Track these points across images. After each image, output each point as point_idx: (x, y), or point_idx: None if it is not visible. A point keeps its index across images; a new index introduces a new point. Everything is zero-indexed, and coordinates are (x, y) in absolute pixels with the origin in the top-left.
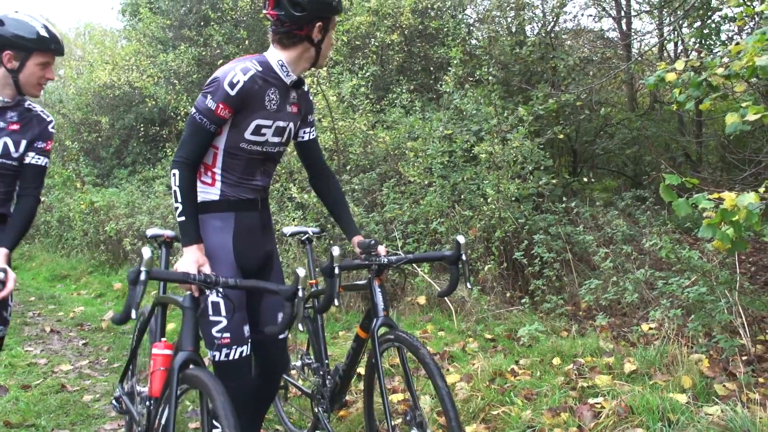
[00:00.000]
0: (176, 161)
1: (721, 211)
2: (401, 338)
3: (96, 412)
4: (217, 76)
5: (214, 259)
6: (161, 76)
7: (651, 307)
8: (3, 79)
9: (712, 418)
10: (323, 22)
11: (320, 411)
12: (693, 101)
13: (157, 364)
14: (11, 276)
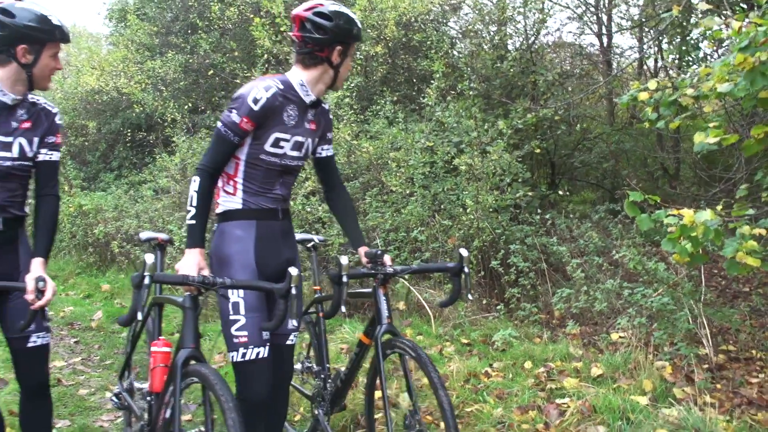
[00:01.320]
0: (199, 168)
1: (681, 227)
2: (405, 346)
3: (92, 404)
4: (242, 92)
5: (235, 266)
6: (148, 82)
7: (619, 315)
8: (15, 75)
9: (669, 418)
10: (343, 47)
11: (320, 413)
12: (664, 120)
13: (157, 361)
14: (50, 285)
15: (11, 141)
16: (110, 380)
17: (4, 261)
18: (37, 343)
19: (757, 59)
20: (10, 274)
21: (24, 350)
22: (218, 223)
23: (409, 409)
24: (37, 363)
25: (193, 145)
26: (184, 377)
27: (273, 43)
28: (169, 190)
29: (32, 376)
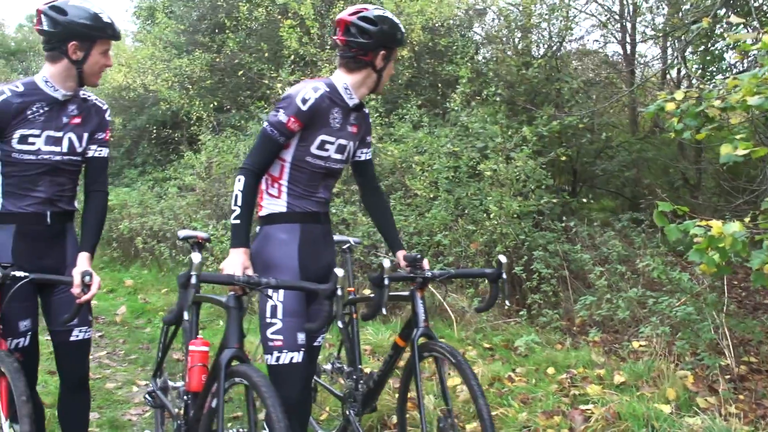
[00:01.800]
0: (244, 168)
1: (709, 238)
2: (444, 351)
3: (120, 398)
4: (290, 93)
5: (279, 270)
6: (175, 80)
7: (642, 324)
8: (66, 72)
9: (693, 427)
10: (387, 52)
11: (351, 414)
12: (690, 130)
13: (195, 360)
14: (96, 279)
15: (61, 136)
16: (136, 375)
17: (52, 255)
18: (79, 337)
19: None
20: (57, 268)
21: (66, 343)
22: (262, 226)
23: (443, 413)
24: (79, 357)
25: (218, 144)
26: (228, 377)
27: (300, 44)
28: (194, 188)
29: (74, 370)
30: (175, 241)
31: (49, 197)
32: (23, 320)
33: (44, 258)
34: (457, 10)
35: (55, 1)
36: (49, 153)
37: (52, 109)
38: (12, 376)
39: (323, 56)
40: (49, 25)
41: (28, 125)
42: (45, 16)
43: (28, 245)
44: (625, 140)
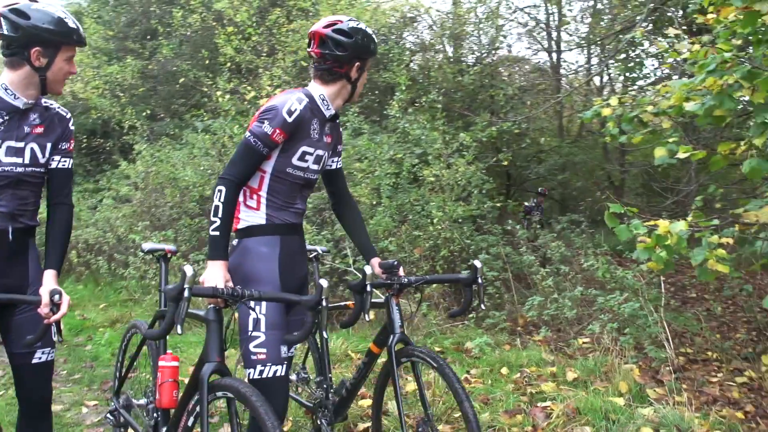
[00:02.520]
0: (224, 178)
1: (656, 236)
2: (424, 356)
3: (70, 420)
4: (275, 104)
5: (261, 284)
6: (106, 87)
7: (587, 322)
8: (27, 79)
9: (647, 417)
10: (361, 63)
11: (324, 423)
12: (627, 135)
13: (165, 376)
14: (65, 298)
15: (23, 146)
16: (83, 395)
17: (14, 273)
18: (42, 359)
19: (725, 82)
20: (19, 286)
21: (29, 366)
22: (240, 239)
23: (422, 417)
24: (42, 379)
25: (155, 153)
26: (210, 391)
27: (236, 52)
28: (129, 199)
29: (36, 393)
30: (112, 254)
31: (10, 212)
32: None
33: (5, 277)
34: (392, 18)
35: (16, 4)
36: (11, 165)
37: (12, 118)
38: None
39: (260, 63)
40: (9, 29)
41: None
42: (5, 20)
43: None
44: (556, 144)
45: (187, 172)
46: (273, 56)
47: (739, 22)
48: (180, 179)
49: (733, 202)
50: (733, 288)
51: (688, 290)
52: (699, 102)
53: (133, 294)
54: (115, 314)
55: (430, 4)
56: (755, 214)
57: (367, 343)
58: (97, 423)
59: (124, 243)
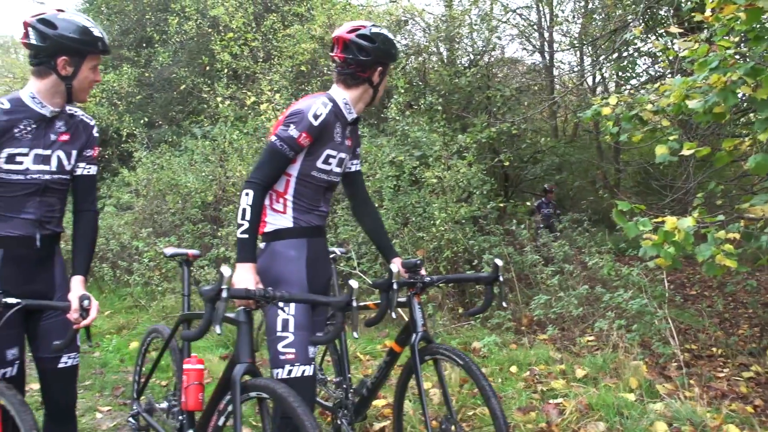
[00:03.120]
0: (251, 182)
1: (664, 233)
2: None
3: (86, 426)
4: (300, 108)
5: (289, 286)
6: (103, 96)
7: (592, 319)
8: (54, 87)
9: (659, 411)
10: (383, 68)
11: (344, 423)
12: (625, 134)
13: (191, 379)
14: (94, 303)
15: (50, 154)
16: (95, 401)
17: (40, 279)
18: (68, 363)
19: (729, 79)
20: (45, 292)
21: (55, 371)
22: (267, 242)
23: (444, 415)
24: (67, 384)
25: (155, 160)
26: (243, 392)
27: (233, 58)
28: (131, 206)
29: (61, 398)
30: (116, 261)
31: (38, 219)
32: (11, 348)
33: (32, 283)
34: (386, 22)
35: (44, 14)
36: (39, 172)
37: (39, 126)
38: (18, 409)
39: (257, 69)
40: (37, 38)
41: (15, 144)
42: (33, 30)
43: (15, 270)
44: (553, 145)
45: (188, 178)
46: (269, 61)
47: (737, 19)
48: (182, 185)
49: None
50: (737, 284)
51: (688, 287)
52: (701, 99)
53: (139, 300)
54: (121, 321)
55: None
56: (761, 208)
57: (375, 345)
58: (113, 428)
59: (128, 250)
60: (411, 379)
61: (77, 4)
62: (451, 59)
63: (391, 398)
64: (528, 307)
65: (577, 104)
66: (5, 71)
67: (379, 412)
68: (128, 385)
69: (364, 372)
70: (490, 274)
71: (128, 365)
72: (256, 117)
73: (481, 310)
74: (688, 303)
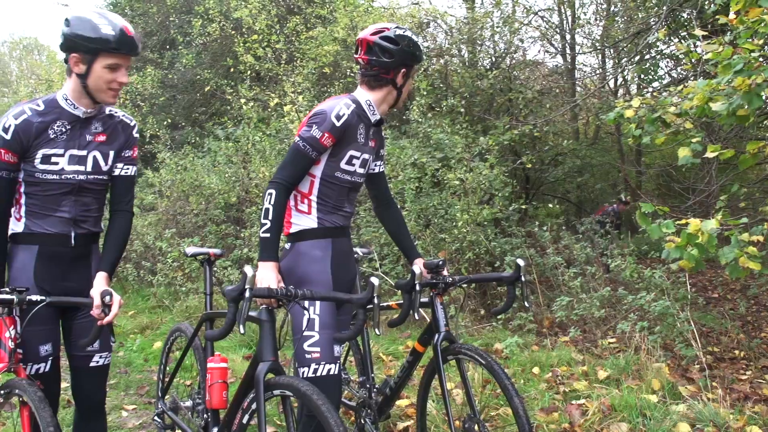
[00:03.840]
0: (275, 182)
1: (687, 235)
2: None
3: (112, 424)
4: (323, 109)
5: (314, 285)
6: (127, 97)
7: (614, 321)
8: (77, 87)
9: (682, 413)
10: (407, 69)
11: (368, 422)
12: (649, 136)
13: (215, 378)
14: (116, 299)
15: (85, 154)
16: (121, 400)
17: (76, 277)
18: (99, 363)
19: (753, 82)
20: (81, 290)
21: (86, 369)
22: (293, 243)
23: (468, 414)
24: (98, 382)
25: (179, 162)
26: (267, 390)
27: (256, 60)
28: (153, 207)
29: (92, 396)
30: (139, 262)
31: (73, 217)
32: (44, 344)
33: (68, 280)
34: (408, 23)
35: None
36: (73, 172)
37: (74, 127)
38: (36, 405)
39: (280, 71)
40: (60, 38)
41: (50, 144)
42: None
43: (51, 267)
44: (574, 147)
45: (212, 179)
46: (292, 63)
47: (762, 22)
48: (205, 187)
49: (756, 201)
50: (760, 287)
51: (710, 290)
52: (725, 102)
53: (162, 300)
54: (145, 321)
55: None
56: None
57: (397, 346)
58: (139, 426)
59: (151, 251)
60: (434, 379)
61: (101, 6)
62: (473, 61)
63: (415, 398)
64: (549, 309)
65: (598, 107)
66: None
67: (402, 412)
68: (153, 384)
69: (387, 372)
70: (512, 273)
71: (152, 365)
72: (279, 119)
73: (503, 309)
74: (711, 305)
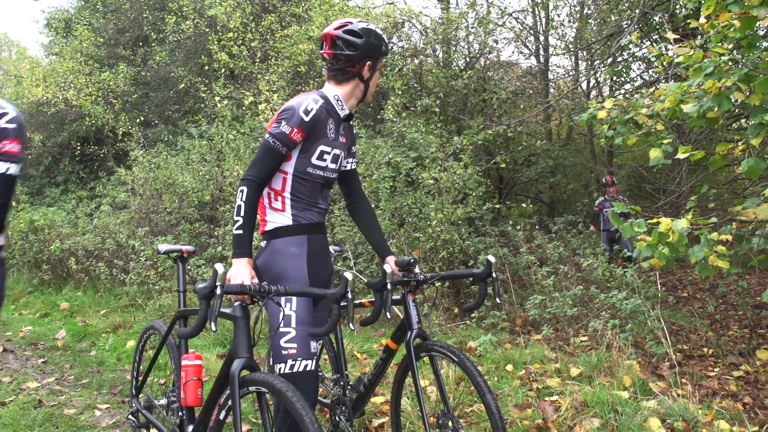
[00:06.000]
0: (246, 179)
1: (658, 234)
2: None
3: (85, 423)
4: (291, 105)
5: (290, 282)
6: (99, 94)
7: (586, 320)
8: None
9: (653, 408)
10: (372, 62)
11: (342, 420)
12: (621, 137)
13: (189, 375)
14: None
15: None
16: (94, 399)
17: None
18: None
19: (723, 85)
20: None
21: None
22: (268, 240)
23: (441, 410)
24: None
25: (152, 159)
26: (242, 386)
27: (230, 57)
28: (126, 205)
29: None
30: (112, 260)
31: None
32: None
33: None
34: (383, 23)
35: None
36: None
37: None
38: None
39: (254, 69)
40: None
41: None
42: None
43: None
44: (547, 148)
45: (185, 177)
46: (267, 62)
47: (732, 26)
48: (178, 185)
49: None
50: (728, 286)
51: (680, 289)
52: (695, 104)
53: (135, 299)
54: (118, 320)
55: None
56: (753, 211)
57: (371, 344)
58: (112, 425)
59: (124, 249)
60: (408, 376)
61: (73, 2)
62: (448, 62)
63: (389, 395)
64: (522, 308)
65: (571, 108)
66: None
67: (377, 409)
68: (126, 383)
69: (362, 370)
70: (484, 270)
71: (125, 363)
72: (254, 117)
73: (475, 306)
74: (681, 304)
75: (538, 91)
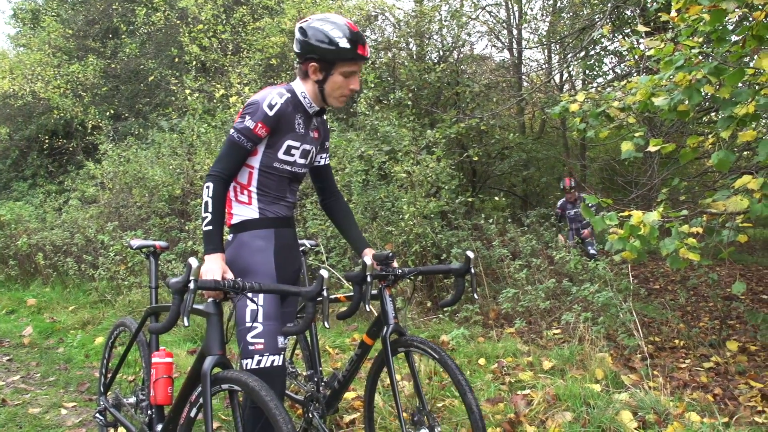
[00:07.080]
0: (212, 175)
1: (630, 227)
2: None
3: (50, 422)
4: (256, 99)
5: (257, 276)
6: (68, 87)
7: (559, 313)
8: None
9: (624, 401)
10: (320, 64)
11: (315, 416)
12: (593, 130)
13: (160, 373)
14: None
15: None
16: (60, 397)
17: None
18: None
19: (693, 78)
20: None
21: None
22: (235, 234)
23: (417, 406)
24: None
25: (122, 153)
26: (214, 384)
27: (202, 50)
28: (95, 199)
29: None
30: (80, 255)
31: None
32: None
33: None
34: (356, 16)
35: None
36: None
37: None
38: None
39: (226, 62)
40: None
41: None
42: None
43: None
44: (520, 141)
45: (155, 171)
46: (239, 54)
47: (702, 20)
48: (148, 179)
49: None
50: (699, 278)
51: (652, 281)
52: (666, 97)
53: (104, 295)
54: (86, 316)
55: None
56: (723, 203)
57: (344, 339)
58: (79, 423)
59: (93, 244)
60: (382, 372)
61: None
62: (421, 55)
63: (361, 391)
64: (495, 301)
65: (544, 101)
66: None
67: (349, 405)
68: (94, 381)
69: (333, 365)
70: (462, 266)
71: (93, 361)
72: (225, 110)
73: (452, 301)
74: (652, 296)
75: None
